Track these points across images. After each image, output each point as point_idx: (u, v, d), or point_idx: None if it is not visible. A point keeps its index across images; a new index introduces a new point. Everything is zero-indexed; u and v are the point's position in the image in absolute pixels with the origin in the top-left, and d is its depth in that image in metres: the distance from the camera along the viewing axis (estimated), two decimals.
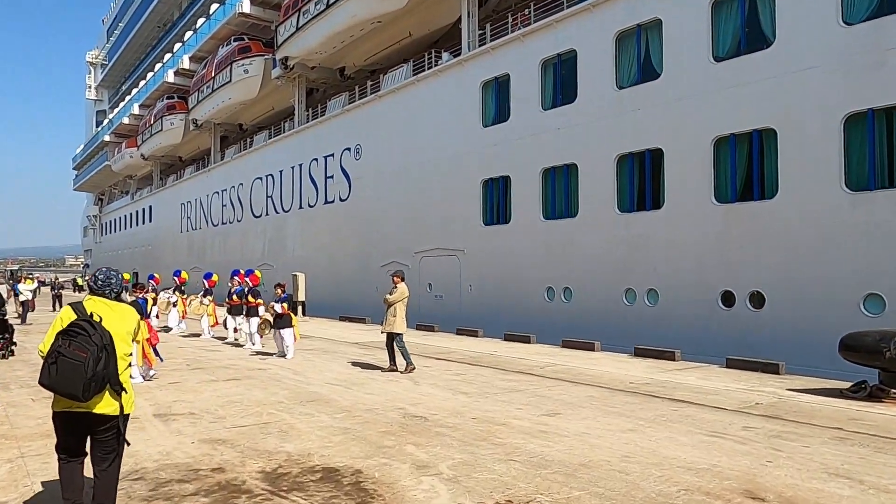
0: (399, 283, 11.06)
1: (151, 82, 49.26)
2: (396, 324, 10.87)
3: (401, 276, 11.25)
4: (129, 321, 4.14)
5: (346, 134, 28.02)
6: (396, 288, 11.02)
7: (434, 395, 8.77)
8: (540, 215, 18.82)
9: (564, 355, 13.21)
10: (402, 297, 10.98)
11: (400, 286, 11.03)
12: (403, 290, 11.02)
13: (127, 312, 4.20)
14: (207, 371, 11.07)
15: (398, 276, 11.24)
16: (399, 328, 10.88)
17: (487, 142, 20.63)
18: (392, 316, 10.88)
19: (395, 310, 10.85)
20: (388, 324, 10.92)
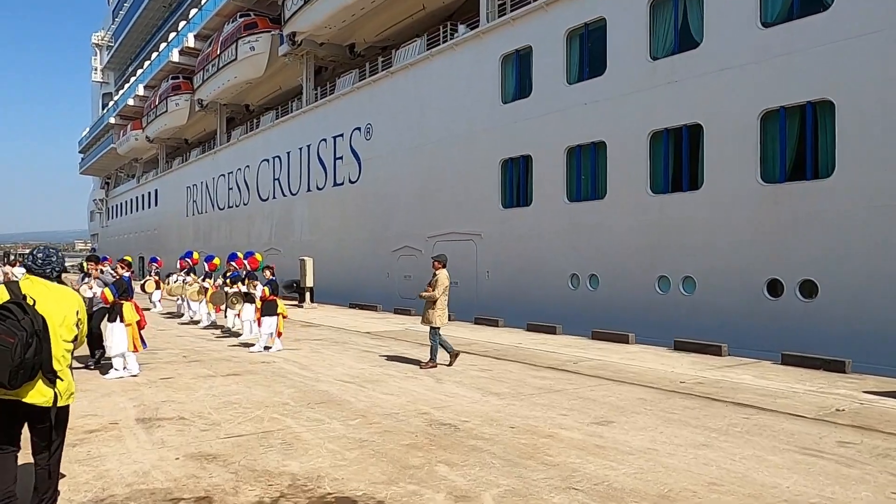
0: (440, 270, 9.94)
1: (156, 62, 48.03)
2: (436, 316, 9.76)
3: (443, 261, 10.09)
4: (69, 305, 3.80)
5: (356, 113, 26.78)
6: (437, 276, 9.85)
7: (461, 397, 7.64)
8: (564, 197, 17.58)
9: (597, 348, 12.05)
10: (444, 288, 9.84)
11: (441, 274, 9.90)
12: (444, 278, 9.87)
13: (67, 296, 3.86)
14: (205, 364, 9.98)
15: (439, 261, 10.07)
16: (439, 321, 9.76)
17: (507, 119, 19.36)
18: (431, 308, 9.78)
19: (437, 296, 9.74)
20: (427, 316, 9.81)
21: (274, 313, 11.30)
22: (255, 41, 32.96)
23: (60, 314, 3.71)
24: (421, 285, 23.06)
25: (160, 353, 10.98)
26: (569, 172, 17.58)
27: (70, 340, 3.78)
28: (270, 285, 11.42)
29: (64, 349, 3.71)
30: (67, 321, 3.74)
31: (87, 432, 5.93)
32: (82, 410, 6.81)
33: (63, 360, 3.71)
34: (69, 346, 3.78)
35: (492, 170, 19.83)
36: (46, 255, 3.90)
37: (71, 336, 3.78)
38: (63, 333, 3.71)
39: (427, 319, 9.81)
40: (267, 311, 11.31)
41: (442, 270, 9.95)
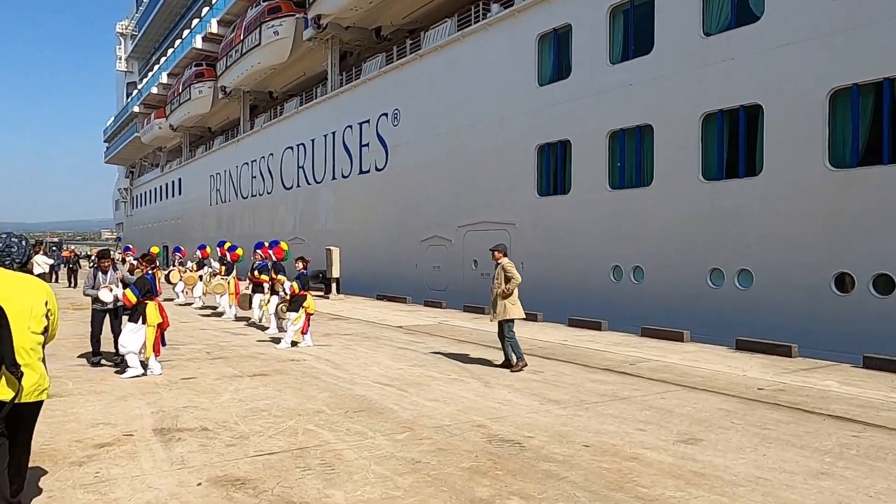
0: (502, 259, 9.06)
1: (179, 49, 47.55)
2: (514, 308, 8.87)
3: (503, 250, 9.22)
4: (33, 296, 3.53)
5: (383, 98, 25.90)
6: (501, 265, 8.96)
7: (517, 405, 6.76)
8: (606, 184, 16.56)
9: (650, 347, 11.10)
10: (517, 276, 8.94)
11: (505, 262, 9.02)
12: (510, 265, 9.03)
13: (32, 286, 3.58)
14: (230, 362, 9.22)
15: (499, 250, 9.19)
16: (517, 312, 8.91)
17: (544, 102, 18.35)
18: (505, 301, 8.88)
19: (511, 286, 8.88)
20: (500, 310, 8.88)
21: (297, 309, 10.50)
22: (279, 25, 32.18)
23: (23, 304, 3.45)
24: (451, 276, 22.47)
25: (182, 349, 10.27)
26: (611, 158, 16.55)
27: (40, 332, 3.52)
28: (300, 279, 10.63)
29: (32, 342, 3.46)
30: (35, 312, 3.49)
31: (97, 446, 5.16)
32: (94, 417, 6.06)
33: (32, 354, 3.46)
34: (38, 339, 3.51)
35: (527, 156, 18.85)
36: (6, 246, 3.65)
37: (40, 328, 3.52)
38: (30, 324, 3.45)
39: (502, 313, 8.87)
40: (292, 307, 10.52)
41: (504, 258, 9.07)
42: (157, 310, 8.19)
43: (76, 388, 7.38)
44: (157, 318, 8.17)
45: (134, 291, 8.18)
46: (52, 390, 7.36)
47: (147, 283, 8.29)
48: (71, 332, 12.21)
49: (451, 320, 15.18)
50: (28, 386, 3.42)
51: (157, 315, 8.17)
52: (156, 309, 8.20)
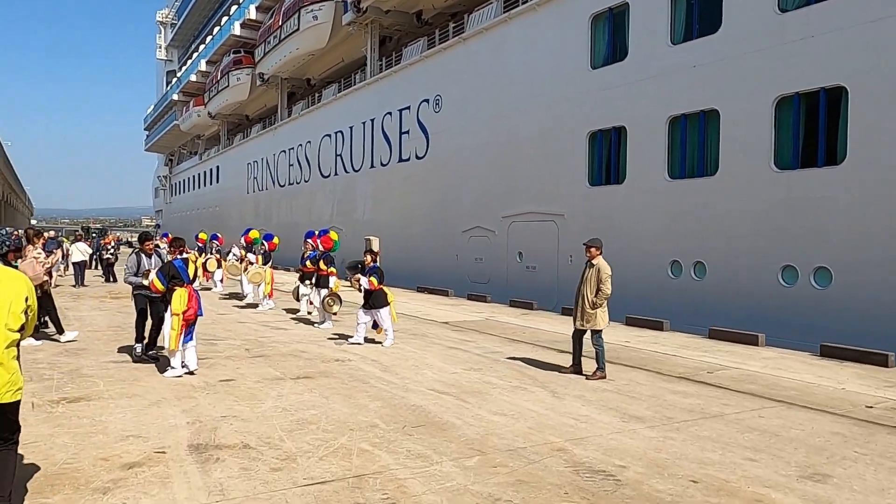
0: (597, 258, 8.11)
1: (218, 37, 47.39)
2: (603, 316, 8.01)
3: (599, 246, 8.24)
4: (15, 289, 3.43)
5: (424, 84, 25.08)
6: (596, 265, 8.03)
7: (596, 422, 5.93)
8: (665, 174, 15.50)
9: (723, 351, 10.13)
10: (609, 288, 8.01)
11: (601, 263, 8.07)
12: (606, 267, 8.05)
13: (14, 279, 3.50)
14: (271, 361, 8.57)
15: (595, 246, 8.20)
16: (604, 322, 8.02)
17: (597, 86, 17.31)
18: (594, 307, 7.98)
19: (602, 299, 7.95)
20: (588, 317, 8.00)
21: (386, 303, 9.82)
22: (318, 10, 31.54)
23: (5, 299, 3.34)
24: (494, 267, 21.60)
25: (220, 345, 9.67)
26: (671, 146, 15.47)
27: (17, 329, 3.39)
28: (376, 273, 9.94)
29: (8, 340, 3.33)
30: (14, 307, 3.37)
31: (125, 467, 4.50)
32: (124, 427, 5.42)
33: (8, 353, 3.32)
34: (14, 336, 3.37)
35: (578, 143, 17.84)
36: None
37: (17, 324, 3.39)
38: (9, 321, 3.33)
39: (589, 320, 7.99)
40: (377, 303, 9.83)
41: (600, 258, 8.15)
42: (184, 297, 7.48)
43: (107, 389, 6.78)
44: (181, 305, 7.45)
45: (160, 278, 7.56)
46: (82, 391, 6.82)
47: (173, 268, 7.63)
48: (106, 324, 11.76)
49: (499, 316, 14.37)
50: (2, 384, 3.26)
51: (180, 303, 7.45)
52: (183, 297, 7.48)
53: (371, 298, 9.99)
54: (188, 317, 7.44)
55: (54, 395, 6.46)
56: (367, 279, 9.94)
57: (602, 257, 8.18)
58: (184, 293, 7.46)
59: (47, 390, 6.68)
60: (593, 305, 7.93)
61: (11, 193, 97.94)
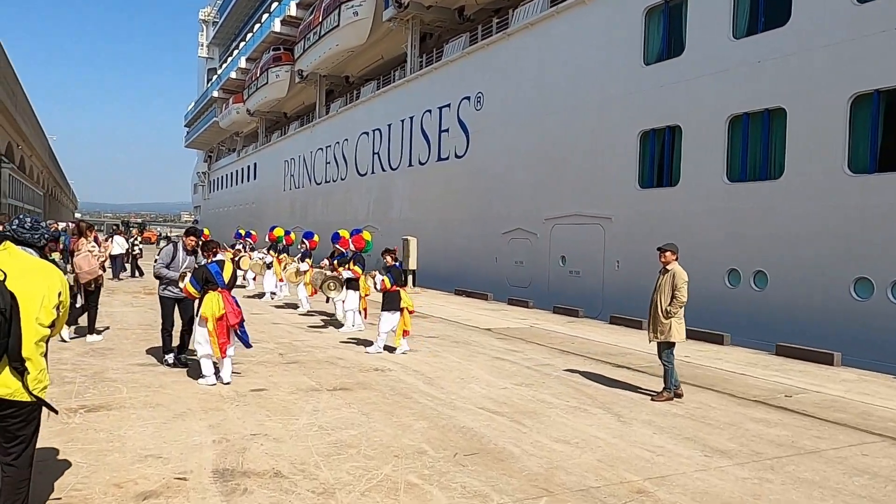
0: (673, 264, 7.31)
1: (258, 34, 47.49)
2: (678, 328, 7.17)
3: (676, 251, 7.43)
4: (50, 283, 3.22)
5: (465, 81, 24.40)
6: (671, 271, 7.24)
7: (675, 455, 5.17)
8: (723, 176, 14.54)
9: (795, 371, 9.22)
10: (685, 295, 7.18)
11: (676, 269, 7.26)
12: (683, 274, 7.24)
13: (50, 273, 3.28)
14: (305, 368, 7.98)
15: (671, 251, 7.39)
16: (678, 335, 7.20)
17: (650, 83, 16.41)
18: (668, 318, 7.14)
19: (677, 308, 7.13)
20: (661, 328, 7.18)
21: (396, 308, 9.14)
22: (359, 6, 31.12)
23: (38, 293, 3.16)
24: (535, 271, 20.78)
25: (252, 349, 9.10)
26: (731, 146, 14.51)
27: (48, 325, 3.22)
28: (391, 273, 9.29)
29: (39, 335, 3.17)
30: (46, 303, 3.19)
31: (139, 497, 3.91)
32: (143, 444, 4.85)
33: (35, 348, 3.16)
34: (44, 332, 3.20)
35: (628, 143, 16.96)
36: (35, 221, 3.45)
37: (49, 320, 3.22)
38: (40, 316, 3.16)
39: (662, 332, 7.18)
40: (388, 306, 9.17)
41: (676, 264, 7.35)
42: (217, 301, 6.88)
43: (130, 397, 6.25)
44: (213, 309, 6.84)
45: (193, 284, 7.00)
46: (104, 398, 6.32)
47: (206, 272, 7.01)
48: (136, 321, 11.35)
49: (543, 324, 13.61)
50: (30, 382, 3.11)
51: (214, 307, 6.83)
52: (215, 300, 6.87)
53: (385, 300, 9.30)
54: (229, 323, 6.85)
55: (73, 403, 5.96)
56: (381, 278, 9.26)
57: (678, 263, 7.37)
58: (216, 297, 6.88)
59: (67, 396, 6.18)
60: (667, 315, 7.14)
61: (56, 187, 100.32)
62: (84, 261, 8.95)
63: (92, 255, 9.15)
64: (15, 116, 37.44)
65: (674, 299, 7.15)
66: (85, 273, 8.98)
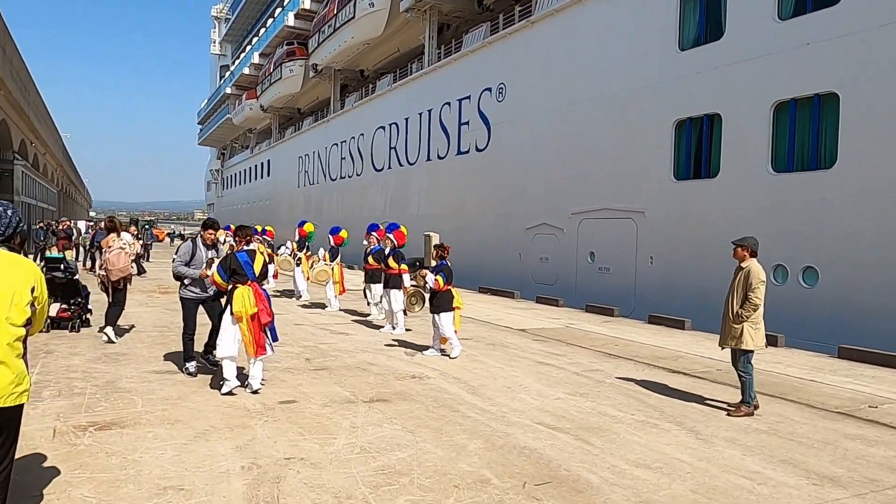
0: (749, 261, 6.45)
1: (272, 28, 46.95)
2: (754, 335, 6.34)
3: (754, 247, 6.52)
4: (21, 278, 2.95)
5: (486, 72, 23.63)
6: (747, 269, 6.40)
7: (776, 482, 4.42)
8: (768, 166, 13.71)
9: (867, 376, 8.42)
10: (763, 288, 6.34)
11: (753, 266, 6.40)
12: (760, 273, 6.37)
13: (20, 265, 2.99)
14: (336, 376, 7.29)
15: (747, 246, 6.50)
16: (755, 341, 6.36)
17: (686, 70, 15.58)
18: (742, 322, 6.31)
19: (749, 311, 6.32)
20: (734, 333, 6.38)
21: (450, 308, 8.47)
22: None
23: (7, 290, 2.87)
24: (562, 268, 20.00)
25: (277, 352, 8.43)
26: (776, 135, 13.68)
27: (21, 325, 2.90)
28: (442, 272, 8.61)
29: (11, 336, 2.86)
30: (17, 299, 2.89)
31: None
32: (162, 472, 4.18)
33: (9, 350, 2.85)
34: (17, 332, 2.88)
35: (662, 133, 16.14)
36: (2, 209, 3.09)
37: (22, 319, 2.90)
38: (11, 315, 2.87)
39: (733, 338, 6.40)
40: (440, 306, 8.49)
41: (753, 261, 6.50)
42: (245, 297, 6.22)
43: (146, 411, 5.59)
44: (245, 306, 6.20)
45: (220, 272, 6.34)
46: (116, 413, 5.66)
47: (235, 261, 6.35)
48: (152, 323, 10.72)
49: (579, 323, 12.87)
50: (5, 386, 2.85)
51: (244, 303, 6.19)
52: (243, 296, 6.22)
53: (434, 300, 8.65)
54: (263, 321, 6.19)
55: (82, 419, 5.30)
56: (434, 277, 8.57)
57: (756, 260, 6.57)
58: (247, 291, 6.21)
59: (76, 410, 5.53)
60: (738, 318, 6.36)
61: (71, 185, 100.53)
62: (116, 257, 8.77)
63: (125, 253, 8.94)
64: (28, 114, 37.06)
65: (746, 301, 6.36)
66: (117, 270, 8.81)
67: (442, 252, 8.84)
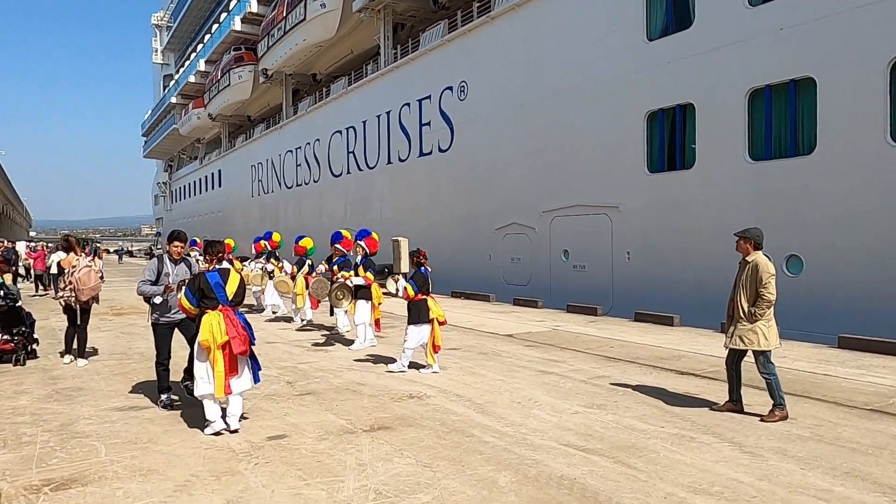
0: (755, 255, 5.96)
1: (217, 34, 45.36)
2: (768, 334, 5.86)
3: (753, 237, 6.02)
4: None
5: (446, 70, 23.04)
6: (753, 263, 5.90)
7: (852, 501, 3.91)
8: (745, 154, 13.46)
9: (879, 367, 8.11)
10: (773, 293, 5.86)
11: (759, 259, 5.91)
12: (768, 266, 5.88)
13: None
14: (325, 400, 6.53)
15: (746, 237, 6.02)
16: (770, 339, 5.87)
17: (656, 60, 15.27)
18: (754, 320, 5.84)
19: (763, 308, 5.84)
20: (745, 335, 5.88)
21: (424, 320, 7.80)
22: None
23: None
24: (535, 268, 19.51)
25: None
26: (751, 123, 13.46)
27: None
28: (414, 280, 7.92)
29: None
30: None
31: None
32: None
33: None
34: None
35: (634, 125, 15.81)
36: None
37: None
38: None
39: (748, 340, 5.89)
40: (414, 318, 7.83)
41: (758, 254, 6.00)
42: (218, 323, 5.39)
43: (112, 460, 4.75)
44: (218, 335, 5.33)
45: (188, 296, 5.51)
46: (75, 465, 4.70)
47: (204, 281, 5.51)
48: (108, 349, 9.72)
49: (564, 325, 12.36)
50: None
51: (216, 331, 5.33)
52: (216, 322, 5.37)
53: (411, 312, 7.98)
54: (238, 349, 5.37)
55: (35, 476, 4.43)
56: (404, 285, 7.90)
57: (762, 252, 6.11)
58: (216, 318, 5.40)
59: (26, 465, 4.65)
60: (752, 317, 5.88)
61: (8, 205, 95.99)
62: (87, 276, 8.24)
63: (93, 271, 8.36)
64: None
65: (759, 298, 5.88)
66: (89, 290, 8.26)
67: (419, 258, 8.14)
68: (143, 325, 11.73)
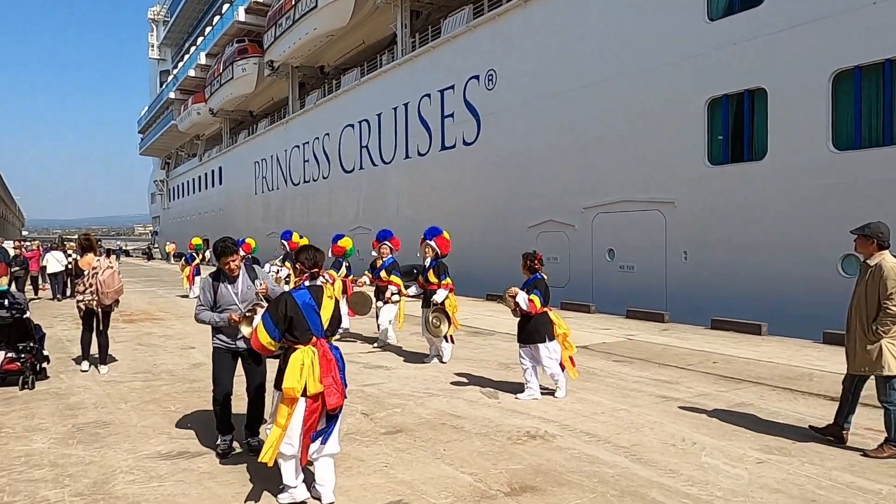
0: (879, 255, 4.77)
1: (219, 26, 43.81)
2: (890, 355, 4.66)
3: (876, 235, 4.80)
4: None
5: (472, 58, 21.66)
6: (879, 266, 4.69)
7: None
8: (828, 144, 12.17)
9: None
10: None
11: (885, 262, 4.70)
12: (893, 271, 4.66)
13: None
14: (424, 441, 5.15)
15: (867, 234, 4.82)
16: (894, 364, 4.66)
17: (718, 41, 13.94)
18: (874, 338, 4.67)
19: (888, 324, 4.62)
20: (864, 356, 4.74)
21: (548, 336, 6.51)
22: None
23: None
24: (575, 268, 18.12)
25: None
26: (836, 108, 12.16)
27: None
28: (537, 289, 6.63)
29: None
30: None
31: None
32: None
33: None
34: None
35: (692, 113, 14.48)
36: None
37: None
38: None
39: (867, 365, 4.76)
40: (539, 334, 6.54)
41: (884, 255, 4.76)
42: (311, 362, 3.88)
43: None
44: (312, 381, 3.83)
45: (268, 327, 4.04)
46: None
47: (293, 306, 3.97)
48: (128, 366, 8.32)
49: (636, 334, 11.03)
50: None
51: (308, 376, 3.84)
52: (308, 362, 3.88)
53: (526, 327, 6.66)
54: (330, 405, 3.95)
55: None
56: (527, 297, 6.58)
57: (889, 253, 4.81)
58: (309, 356, 3.95)
59: None
60: (874, 335, 4.64)
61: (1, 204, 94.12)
62: (111, 278, 7.73)
63: (116, 272, 7.84)
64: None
65: (882, 312, 4.62)
66: (113, 293, 7.80)
67: (534, 263, 6.81)
68: (161, 336, 10.40)
